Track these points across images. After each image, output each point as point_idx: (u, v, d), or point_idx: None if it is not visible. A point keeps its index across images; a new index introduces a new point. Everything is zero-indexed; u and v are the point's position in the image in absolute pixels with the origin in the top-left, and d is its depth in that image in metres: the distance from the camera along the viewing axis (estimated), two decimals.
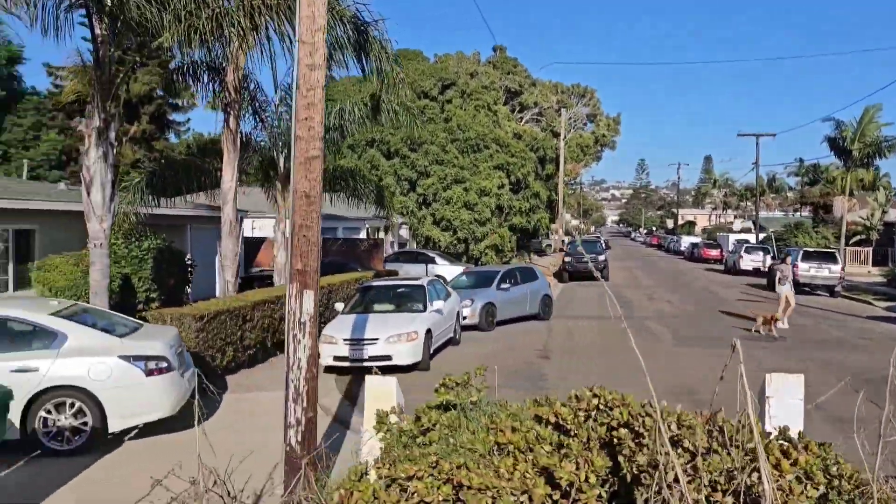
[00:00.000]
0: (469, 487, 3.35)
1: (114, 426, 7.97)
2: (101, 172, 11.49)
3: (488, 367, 5.81)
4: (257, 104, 15.39)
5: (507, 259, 38.17)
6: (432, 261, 26.00)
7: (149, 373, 8.06)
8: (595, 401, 4.02)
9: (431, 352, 13.29)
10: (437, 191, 36.43)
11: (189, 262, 16.45)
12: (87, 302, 11.14)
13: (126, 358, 7.99)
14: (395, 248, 35.28)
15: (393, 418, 5.31)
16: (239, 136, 13.66)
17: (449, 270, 24.26)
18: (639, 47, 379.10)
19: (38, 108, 29.61)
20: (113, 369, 7.90)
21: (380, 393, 5.30)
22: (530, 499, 3.18)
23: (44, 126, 29.18)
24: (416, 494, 3.46)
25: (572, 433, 3.98)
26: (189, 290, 16.67)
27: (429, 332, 13.09)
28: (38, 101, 30.07)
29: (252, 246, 24.64)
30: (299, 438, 6.25)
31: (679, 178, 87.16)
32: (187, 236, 18.86)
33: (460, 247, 37.00)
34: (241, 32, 11.51)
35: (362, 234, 31.00)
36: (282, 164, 15.92)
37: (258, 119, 15.59)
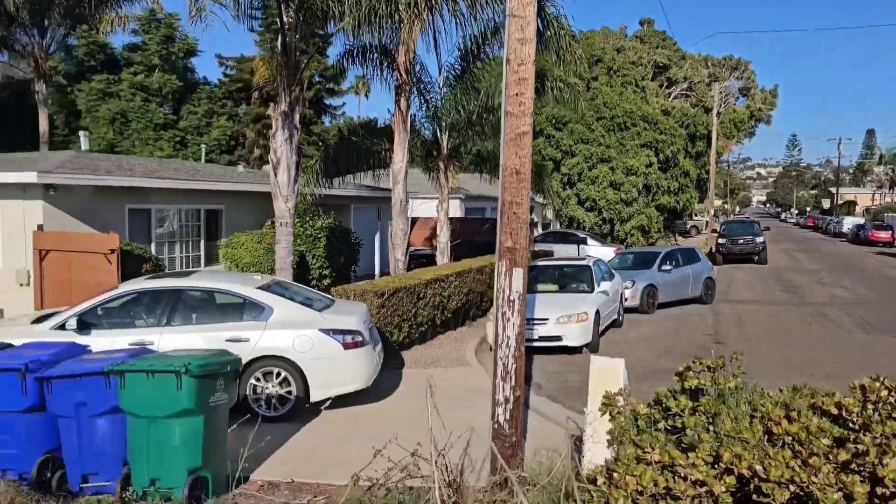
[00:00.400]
0: (765, 479, 3.14)
1: (315, 396, 8.34)
2: (287, 154, 12.06)
3: (662, 351, 5.51)
4: (422, 85, 15.60)
5: (653, 240, 36.92)
6: (583, 241, 25.51)
7: (346, 346, 8.36)
8: (885, 393, 3.67)
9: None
10: (582, 170, 35.71)
11: (356, 241, 17.07)
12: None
13: (326, 331, 8.32)
14: (540, 229, 34.97)
15: (620, 400, 5.16)
16: (409, 117, 13.90)
17: (600, 251, 23.67)
18: (794, 15, 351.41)
19: (209, 96, 31.84)
20: (314, 341, 8.25)
21: (606, 374, 5.15)
22: (845, 497, 2.92)
23: (215, 113, 31.35)
24: (702, 485, 3.29)
25: (857, 426, 3.65)
26: (356, 268, 17.30)
27: (597, 313, 12.83)
28: (209, 91, 32.30)
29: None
30: (507, 416, 6.25)
31: (840, 154, 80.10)
32: (350, 216, 19.60)
33: (605, 227, 36.15)
34: (417, 12, 11.64)
35: None
36: (445, 144, 16.09)
37: (423, 100, 15.82)
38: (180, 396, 5.73)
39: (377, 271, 20.93)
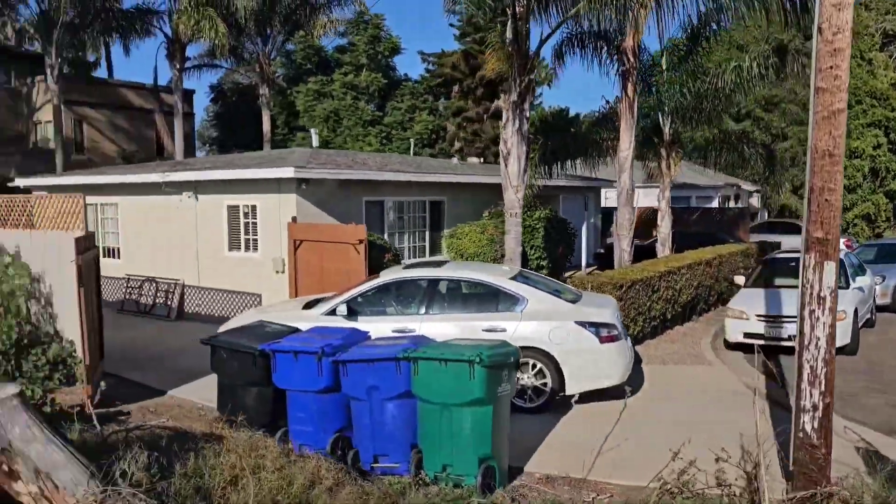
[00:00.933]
0: None
1: (570, 389, 8.20)
2: (517, 145, 12.04)
3: None
4: (643, 67, 14.95)
5: (880, 230, 33.16)
6: None
7: (602, 340, 8.13)
8: None
9: None
10: (795, 154, 32.77)
11: (572, 231, 16.82)
12: None
13: (582, 324, 8.14)
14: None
15: None
16: (636, 103, 13.35)
17: None
18: None
19: (412, 92, 33.12)
20: (571, 334, 8.10)
21: None
22: None
23: (417, 108, 32.57)
24: None
25: None
26: (570, 259, 17.08)
27: (855, 311, 11.58)
28: (411, 87, 33.62)
29: (608, 216, 24.63)
30: (815, 426, 5.66)
31: None
32: (559, 206, 19.37)
33: None
34: None
35: (714, 203, 29.18)
36: (666, 130, 15.32)
37: (643, 84, 15.15)
38: (473, 386, 5.79)
39: (583, 262, 20.56)
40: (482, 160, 27.40)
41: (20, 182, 17.50)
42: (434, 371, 5.95)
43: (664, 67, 15.07)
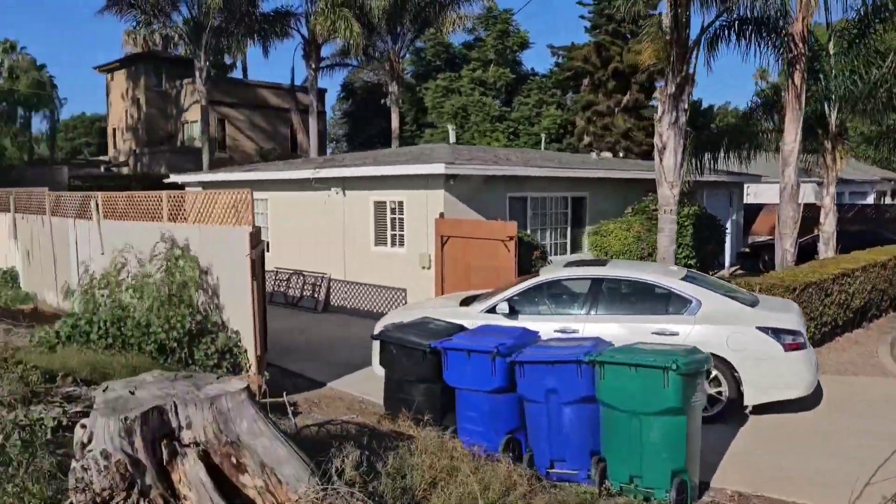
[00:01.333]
0: None
1: (749, 399, 7.66)
2: (674, 138, 11.46)
3: None
4: (811, 54, 13.84)
5: None
6: None
7: (787, 347, 7.53)
8: None
9: None
10: None
11: (722, 229, 15.92)
12: None
13: (764, 329, 7.56)
14: None
15: None
16: (804, 92, 12.36)
17: None
18: None
19: (539, 87, 32.73)
20: (751, 340, 7.55)
21: None
22: None
23: (544, 103, 32.13)
24: None
25: None
26: (721, 257, 16.18)
27: None
28: (539, 81, 33.23)
29: (748, 214, 23.26)
30: None
31: None
32: (703, 202, 18.40)
33: None
34: None
35: (869, 199, 26.94)
36: (833, 121, 14.15)
37: (808, 71, 14.03)
38: (667, 394, 5.43)
39: (727, 261, 19.46)
40: (616, 154, 26.60)
41: (175, 178, 18.59)
42: (622, 376, 5.63)
43: (831, 52, 13.89)
